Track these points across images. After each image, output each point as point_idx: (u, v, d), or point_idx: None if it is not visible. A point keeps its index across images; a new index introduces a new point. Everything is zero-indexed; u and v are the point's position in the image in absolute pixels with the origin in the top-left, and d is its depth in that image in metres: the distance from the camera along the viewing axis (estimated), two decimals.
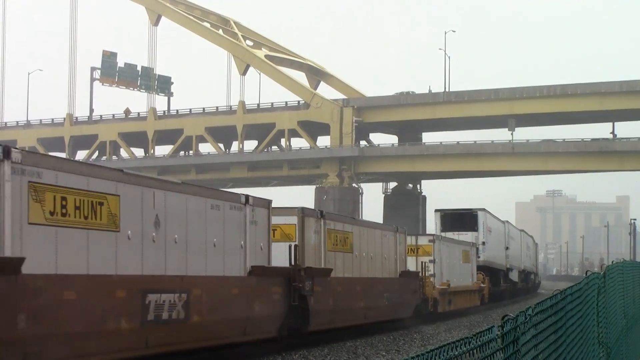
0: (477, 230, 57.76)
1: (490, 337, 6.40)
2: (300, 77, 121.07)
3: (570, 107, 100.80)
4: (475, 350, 6.01)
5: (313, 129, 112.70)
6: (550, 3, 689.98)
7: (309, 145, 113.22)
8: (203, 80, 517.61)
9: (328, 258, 31.01)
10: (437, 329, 37.78)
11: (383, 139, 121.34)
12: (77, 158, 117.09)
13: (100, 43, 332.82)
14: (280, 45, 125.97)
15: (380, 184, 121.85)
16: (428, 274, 43.63)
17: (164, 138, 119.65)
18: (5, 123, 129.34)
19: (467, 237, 55.51)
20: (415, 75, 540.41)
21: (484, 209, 59.49)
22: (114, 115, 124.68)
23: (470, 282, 52.89)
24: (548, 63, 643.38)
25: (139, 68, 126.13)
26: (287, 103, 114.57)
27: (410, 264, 42.06)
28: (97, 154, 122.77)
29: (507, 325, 6.86)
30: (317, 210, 31.55)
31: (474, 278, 53.86)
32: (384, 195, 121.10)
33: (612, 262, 24.32)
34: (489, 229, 59.73)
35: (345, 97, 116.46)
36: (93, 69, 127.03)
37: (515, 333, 7.08)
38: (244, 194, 25.03)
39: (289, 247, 27.84)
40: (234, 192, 25.35)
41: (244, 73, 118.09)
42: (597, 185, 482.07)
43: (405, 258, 40.52)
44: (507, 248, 66.40)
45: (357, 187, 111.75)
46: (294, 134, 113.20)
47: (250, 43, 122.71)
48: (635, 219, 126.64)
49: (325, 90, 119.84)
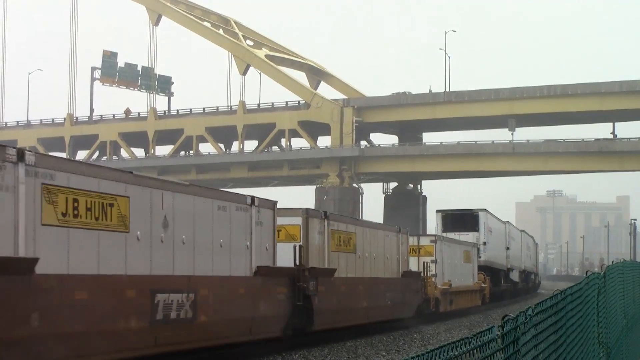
0: (478, 231, 57.96)
1: (491, 337, 6.39)
2: (301, 77, 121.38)
3: (570, 107, 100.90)
4: (476, 351, 6.00)
5: (313, 129, 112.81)
6: (550, 3, 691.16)
7: (309, 146, 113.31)
8: (203, 80, 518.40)
9: (332, 258, 31.28)
10: (437, 329, 37.86)
11: (383, 139, 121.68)
12: (77, 158, 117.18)
13: (101, 43, 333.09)
14: (281, 45, 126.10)
15: (381, 184, 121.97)
16: (430, 274, 43.87)
17: (165, 138, 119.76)
18: (6, 123, 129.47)
19: (468, 237, 55.70)
20: (415, 75, 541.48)
21: (485, 210, 59.72)
22: (115, 115, 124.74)
23: (472, 282, 53.11)
24: (548, 63, 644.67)
25: (139, 68, 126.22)
26: (287, 103, 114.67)
27: (412, 264, 42.30)
28: (97, 154, 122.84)
29: (507, 326, 6.86)
30: (321, 211, 31.82)
31: (475, 278, 54.09)
32: (384, 196, 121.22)
33: (612, 262, 24.44)
34: (490, 230, 59.96)
35: (346, 97, 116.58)
36: (93, 69, 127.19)
37: (516, 333, 7.08)
38: (250, 195, 25.28)
39: (294, 247, 28.11)
40: (240, 193, 25.55)
41: (245, 73, 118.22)
42: (597, 185, 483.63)
43: (408, 258, 40.75)
44: (507, 248, 66.63)
45: (357, 187, 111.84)
46: (295, 134, 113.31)
47: (251, 43, 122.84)
48: (636, 219, 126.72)
49: (326, 90, 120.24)
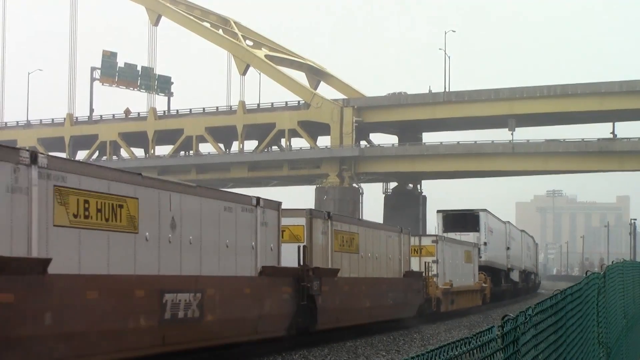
0: (478, 231, 58.19)
1: (490, 337, 6.39)
2: (301, 77, 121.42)
3: (570, 107, 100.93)
4: (475, 350, 6.00)
5: (313, 129, 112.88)
6: (550, 3, 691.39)
7: (309, 145, 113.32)
8: (203, 80, 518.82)
9: (335, 258, 31.56)
10: (437, 329, 37.95)
11: (383, 139, 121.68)
12: (77, 158, 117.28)
13: (100, 43, 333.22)
14: (280, 45, 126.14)
15: (381, 184, 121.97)
16: (431, 274, 44.13)
17: (164, 138, 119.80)
18: (6, 123, 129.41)
19: (468, 237, 55.93)
20: (415, 75, 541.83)
21: (486, 210, 59.97)
22: (114, 115, 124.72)
23: (473, 282, 53.38)
24: (548, 63, 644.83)
25: (139, 68, 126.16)
26: (287, 103, 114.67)
27: (414, 264, 42.58)
28: (97, 154, 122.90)
29: (507, 325, 6.85)
30: (324, 212, 32.08)
31: (476, 278, 54.38)
32: (384, 195, 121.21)
33: (612, 262, 24.53)
34: (491, 230, 60.19)
35: (346, 97, 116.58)
36: (93, 69, 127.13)
37: (516, 333, 7.07)
38: (255, 197, 25.57)
39: (298, 247, 28.38)
40: (246, 194, 25.81)
41: (244, 73, 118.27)
42: (597, 185, 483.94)
43: (409, 258, 41.05)
44: (508, 248, 66.90)
45: (357, 187, 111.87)
46: (294, 134, 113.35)
47: (250, 43, 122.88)
48: (636, 219, 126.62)
49: (326, 90, 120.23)
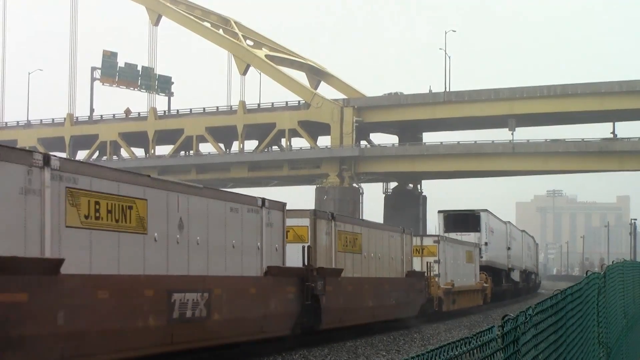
0: (479, 231, 58.42)
1: (491, 337, 6.40)
2: (301, 77, 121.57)
3: (570, 107, 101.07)
4: (476, 350, 6.00)
5: (313, 129, 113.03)
6: (550, 3, 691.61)
7: (310, 145, 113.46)
8: (203, 80, 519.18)
9: (338, 259, 31.83)
10: (437, 329, 38.05)
11: (383, 139, 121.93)
12: (77, 158, 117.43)
13: (101, 43, 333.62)
14: (281, 45, 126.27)
15: (381, 184, 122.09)
16: (433, 274, 44.40)
17: (165, 138, 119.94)
18: (6, 123, 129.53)
19: (469, 237, 56.18)
20: (415, 75, 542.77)
21: (487, 210, 60.20)
22: (115, 115, 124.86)
23: (474, 282, 53.62)
24: (548, 63, 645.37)
25: (140, 68, 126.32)
26: (287, 103, 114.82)
27: (416, 264, 42.85)
28: (97, 154, 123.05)
29: (507, 325, 6.86)
30: (328, 213, 32.36)
31: (477, 278, 54.64)
32: (385, 195, 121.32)
33: (612, 262, 24.67)
34: (491, 230, 60.42)
35: (346, 97, 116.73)
36: (93, 69, 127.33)
37: (516, 333, 7.08)
38: (261, 197, 25.84)
39: (303, 248, 28.65)
40: (251, 195, 26.07)
41: (245, 73, 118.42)
42: (597, 185, 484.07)
43: (411, 258, 41.33)
44: (508, 248, 67.17)
45: (357, 187, 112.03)
46: (295, 134, 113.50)
47: (251, 43, 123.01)
48: (636, 219, 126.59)
49: (326, 90, 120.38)
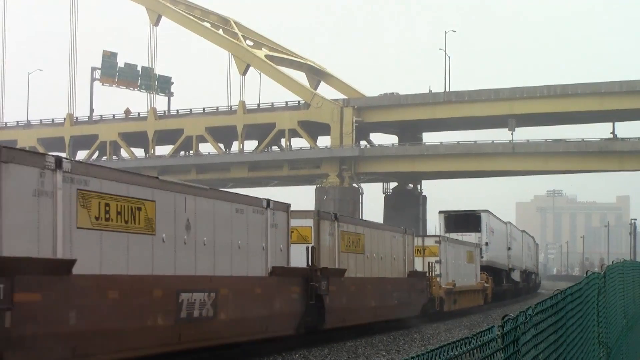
0: (480, 231, 58.68)
1: (491, 337, 6.40)
2: (301, 77, 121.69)
3: (570, 107, 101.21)
4: (476, 350, 6.00)
5: (313, 129, 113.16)
6: (550, 3, 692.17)
7: (309, 145, 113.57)
8: (203, 80, 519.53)
9: (341, 259, 32.10)
10: (437, 329, 38.12)
11: (383, 139, 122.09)
12: (77, 158, 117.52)
13: (100, 43, 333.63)
14: (281, 45, 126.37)
15: (381, 184, 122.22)
16: (434, 274, 44.64)
17: (164, 138, 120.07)
18: (6, 123, 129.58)
19: (470, 237, 56.43)
20: (415, 76, 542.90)
21: (487, 210, 60.49)
22: (114, 115, 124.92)
23: (475, 282, 53.90)
24: (548, 63, 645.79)
25: (139, 68, 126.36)
26: (287, 103, 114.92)
27: (418, 265, 43.11)
28: (97, 154, 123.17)
29: (507, 325, 6.87)
30: (331, 213, 32.68)
31: (478, 278, 54.92)
32: (384, 195, 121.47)
33: (612, 262, 24.77)
34: (492, 230, 60.69)
35: (346, 97, 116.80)
36: (93, 69, 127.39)
37: (516, 333, 7.08)
38: (266, 199, 26.13)
39: (307, 248, 28.93)
40: (256, 196, 26.35)
41: (244, 73, 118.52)
42: (597, 185, 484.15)
43: (413, 259, 41.59)
44: (509, 248, 67.47)
45: (357, 187, 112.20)
46: (294, 134, 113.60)
47: (251, 43, 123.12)
48: (636, 219, 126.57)
49: (326, 90, 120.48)
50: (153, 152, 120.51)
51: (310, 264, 28.75)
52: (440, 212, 59.95)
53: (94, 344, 17.65)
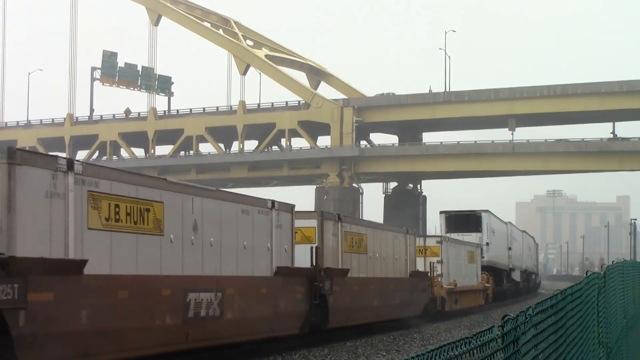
0: (481, 232, 58.91)
1: (491, 337, 6.40)
2: (301, 77, 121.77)
3: (570, 107, 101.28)
4: (475, 350, 6.00)
5: (313, 129, 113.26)
6: (550, 3, 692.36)
7: (309, 145, 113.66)
8: (203, 80, 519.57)
9: (345, 259, 32.39)
10: (437, 329, 38.23)
11: (383, 139, 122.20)
12: (77, 158, 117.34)
13: (101, 43, 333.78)
14: (281, 45, 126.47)
15: (381, 184, 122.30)
16: (436, 274, 44.89)
17: (165, 138, 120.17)
18: (6, 123, 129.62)
19: (471, 238, 56.64)
20: (415, 75, 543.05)
21: (488, 211, 60.73)
22: (115, 115, 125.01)
23: (476, 281, 54.15)
24: (548, 63, 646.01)
25: (139, 68, 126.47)
26: (287, 103, 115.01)
27: (419, 265, 43.37)
28: (97, 154, 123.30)
29: (507, 325, 6.87)
30: (335, 214, 32.96)
31: (479, 278, 55.17)
32: (384, 195, 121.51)
33: (612, 262, 24.92)
34: (493, 230, 60.94)
35: (346, 97, 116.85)
36: (93, 69, 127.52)
37: (516, 333, 7.08)
38: (271, 200, 26.40)
39: (311, 249, 29.21)
40: (262, 197, 26.60)
41: (244, 73, 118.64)
42: (597, 185, 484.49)
43: (415, 259, 41.86)
44: (509, 249, 67.72)
45: (357, 187, 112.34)
46: (295, 134, 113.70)
47: (251, 43, 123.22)
48: (636, 219, 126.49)
49: (326, 90, 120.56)
50: (153, 152, 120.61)
51: (314, 264, 29.03)
52: (441, 212, 60.21)
53: (105, 343, 17.94)
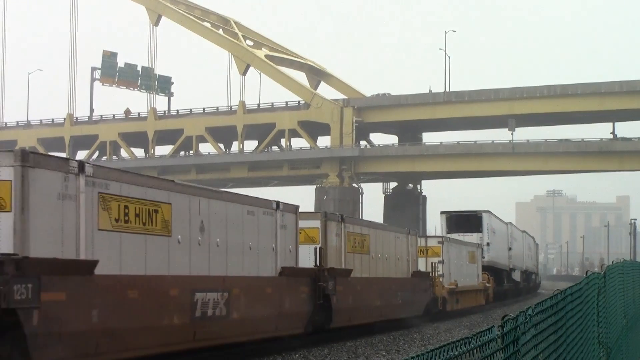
0: (481, 232, 59.16)
1: (491, 337, 6.41)
2: (301, 77, 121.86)
3: (570, 107, 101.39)
4: (475, 350, 6.01)
5: (313, 129, 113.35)
6: (550, 3, 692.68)
7: (309, 145, 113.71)
8: (203, 80, 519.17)
9: (348, 259, 32.70)
10: (437, 329, 38.39)
11: (383, 139, 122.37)
12: (77, 158, 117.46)
13: (101, 43, 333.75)
14: (281, 45, 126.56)
15: (381, 184, 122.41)
16: (437, 274, 45.15)
17: (165, 138, 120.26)
18: (6, 123, 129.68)
19: (472, 238, 56.87)
20: (415, 75, 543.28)
21: (489, 211, 60.98)
22: (114, 116, 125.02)
23: (476, 281, 54.43)
24: (548, 63, 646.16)
25: (139, 68, 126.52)
26: (287, 103, 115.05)
27: (421, 265, 43.62)
28: (97, 154, 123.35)
29: (507, 325, 6.87)
30: (338, 215, 33.23)
31: (480, 278, 55.44)
32: (384, 195, 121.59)
33: (612, 262, 25.15)
34: (493, 230, 61.19)
35: (346, 97, 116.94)
36: (93, 69, 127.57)
37: (516, 333, 7.09)
38: (275, 201, 26.68)
39: (314, 249, 29.48)
40: (267, 198, 26.87)
41: (244, 73, 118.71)
42: (597, 185, 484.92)
43: (417, 259, 42.12)
44: (510, 249, 67.98)
45: (357, 187, 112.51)
46: (294, 134, 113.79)
47: (251, 43, 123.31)
48: (636, 219, 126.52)
49: (326, 90, 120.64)
50: (153, 152, 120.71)
51: (318, 265, 29.29)
52: (442, 212, 60.46)
53: (115, 342, 18.23)
